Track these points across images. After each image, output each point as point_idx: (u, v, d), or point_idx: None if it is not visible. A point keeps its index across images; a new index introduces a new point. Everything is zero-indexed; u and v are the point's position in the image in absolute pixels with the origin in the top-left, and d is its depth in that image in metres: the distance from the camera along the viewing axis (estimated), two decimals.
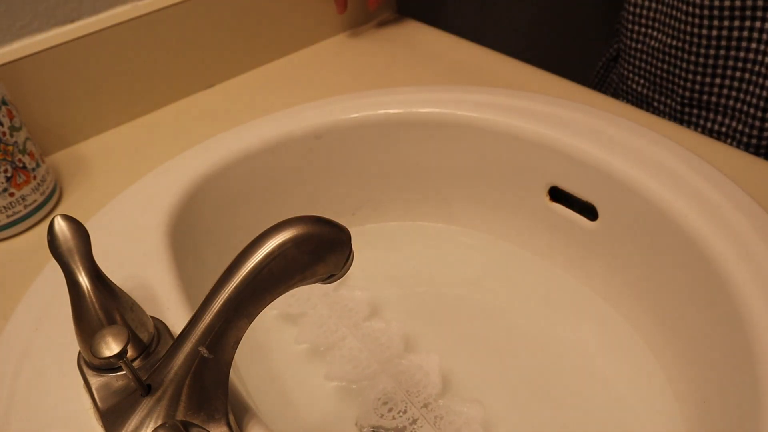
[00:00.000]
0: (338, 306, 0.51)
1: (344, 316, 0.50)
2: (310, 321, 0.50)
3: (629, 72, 0.69)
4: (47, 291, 0.42)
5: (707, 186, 0.43)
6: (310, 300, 0.52)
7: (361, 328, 0.49)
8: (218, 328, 0.29)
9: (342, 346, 0.48)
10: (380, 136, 0.55)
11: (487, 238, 0.57)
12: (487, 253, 0.56)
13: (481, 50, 0.65)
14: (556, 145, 0.49)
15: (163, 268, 0.42)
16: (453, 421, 0.44)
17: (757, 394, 0.33)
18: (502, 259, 0.55)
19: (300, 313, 0.51)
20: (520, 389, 0.47)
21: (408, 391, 0.45)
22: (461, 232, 0.59)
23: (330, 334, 0.49)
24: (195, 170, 0.50)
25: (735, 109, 0.61)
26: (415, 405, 0.44)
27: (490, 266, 0.55)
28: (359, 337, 0.49)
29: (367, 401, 0.44)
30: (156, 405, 0.30)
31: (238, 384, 0.35)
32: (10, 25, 0.53)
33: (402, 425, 0.43)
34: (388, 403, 0.44)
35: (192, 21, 0.60)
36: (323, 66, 0.66)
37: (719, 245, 0.39)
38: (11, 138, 0.48)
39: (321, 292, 0.52)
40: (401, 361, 0.47)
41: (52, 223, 0.33)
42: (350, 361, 0.47)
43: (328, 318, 0.50)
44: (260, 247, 0.29)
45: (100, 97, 0.58)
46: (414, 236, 0.58)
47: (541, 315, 0.51)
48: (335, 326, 0.49)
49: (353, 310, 0.51)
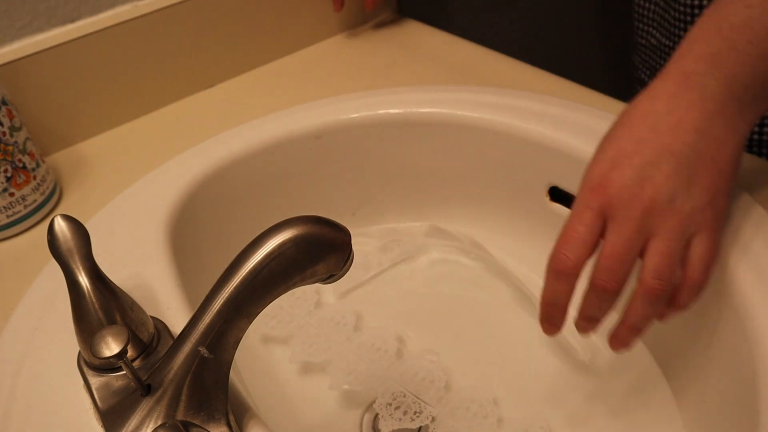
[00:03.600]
0: (324, 322, 0.51)
1: (333, 331, 0.50)
2: (300, 341, 0.49)
3: (639, 64, 0.69)
4: (47, 291, 0.42)
5: None
6: (294, 321, 0.51)
7: (354, 340, 0.49)
8: (218, 328, 0.29)
9: (339, 360, 0.48)
10: (380, 136, 0.55)
11: (488, 238, 0.57)
12: (487, 253, 0.56)
13: (481, 50, 0.65)
14: (556, 145, 0.49)
15: (163, 268, 0.42)
16: (469, 408, 0.44)
17: (757, 394, 0.33)
18: (502, 259, 0.55)
19: (288, 336, 0.51)
20: (520, 389, 0.47)
21: (417, 391, 0.45)
22: (461, 232, 0.59)
23: (323, 352, 0.48)
24: (195, 170, 0.50)
25: None
26: (429, 403, 0.44)
27: (490, 266, 0.55)
28: (353, 350, 0.48)
29: (382, 408, 0.44)
30: (156, 405, 0.30)
31: (238, 384, 0.35)
32: (10, 25, 0.53)
33: (423, 423, 0.44)
34: (401, 407, 0.44)
35: (192, 21, 0.60)
36: (323, 66, 0.66)
37: None
38: (11, 138, 0.48)
39: (304, 312, 0.51)
40: (402, 364, 0.47)
41: (52, 223, 0.33)
42: (350, 374, 0.47)
43: (317, 336, 0.50)
44: (260, 247, 0.29)
45: (100, 97, 0.58)
46: (414, 236, 0.58)
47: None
48: (326, 343, 0.49)
49: (340, 323, 0.50)
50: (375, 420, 0.45)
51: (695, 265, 0.34)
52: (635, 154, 0.35)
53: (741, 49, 0.34)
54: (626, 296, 0.35)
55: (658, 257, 0.33)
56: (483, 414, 0.44)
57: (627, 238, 0.34)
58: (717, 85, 0.35)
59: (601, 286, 0.34)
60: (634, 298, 0.34)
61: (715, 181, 0.34)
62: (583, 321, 0.37)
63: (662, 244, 0.33)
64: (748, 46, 0.34)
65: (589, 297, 0.35)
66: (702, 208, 0.34)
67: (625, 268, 0.34)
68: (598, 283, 0.34)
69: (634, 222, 0.33)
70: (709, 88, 0.35)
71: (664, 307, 0.34)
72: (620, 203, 0.34)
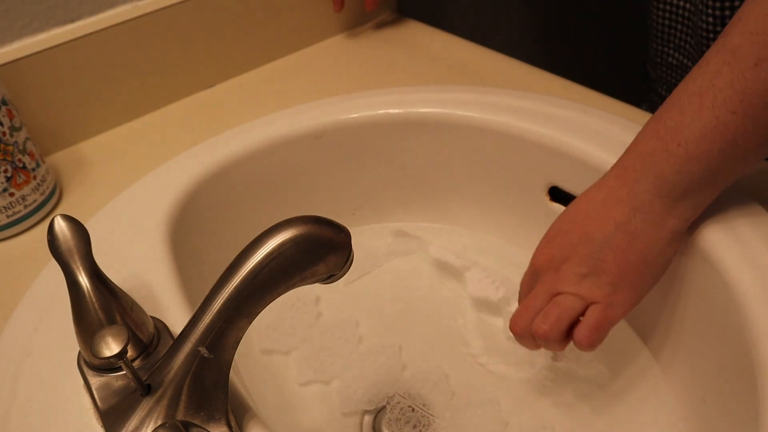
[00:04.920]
0: (326, 337, 0.50)
1: (335, 346, 0.50)
2: (304, 356, 0.49)
3: (657, 79, 0.70)
4: (47, 291, 0.42)
5: None
6: (295, 335, 0.51)
7: (358, 354, 0.49)
8: (218, 328, 0.29)
9: (342, 370, 0.48)
10: (380, 136, 0.55)
11: (487, 238, 0.57)
12: (486, 254, 0.56)
13: (481, 50, 0.65)
14: (556, 145, 0.49)
15: (163, 268, 0.42)
16: (473, 414, 0.45)
17: (757, 394, 0.33)
18: (501, 260, 0.55)
19: (290, 348, 0.50)
20: (520, 388, 0.47)
21: (424, 405, 0.45)
22: (461, 232, 0.59)
23: (327, 367, 0.48)
24: (195, 170, 0.50)
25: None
26: (437, 416, 0.45)
27: (490, 266, 0.55)
28: (359, 365, 0.48)
29: (391, 423, 0.45)
30: (156, 405, 0.30)
31: (238, 384, 0.35)
32: (10, 25, 0.53)
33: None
34: (410, 421, 0.45)
35: (192, 21, 0.60)
36: (323, 66, 0.66)
37: (719, 245, 0.39)
38: (11, 138, 0.48)
39: (305, 325, 0.51)
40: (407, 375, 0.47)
41: (52, 223, 0.33)
42: (356, 391, 0.47)
43: (320, 350, 0.49)
44: (260, 247, 0.29)
45: (101, 96, 0.58)
46: (414, 236, 0.58)
47: None
48: (330, 358, 0.49)
49: (341, 338, 0.50)
50: (375, 421, 0.45)
51: (581, 326, 0.39)
52: (565, 234, 0.41)
53: (672, 150, 0.37)
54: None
55: (552, 305, 0.40)
56: (488, 418, 0.44)
57: (536, 295, 0.41)
58: (647, 182, 0.38)
59: (511, 329, 0.42)
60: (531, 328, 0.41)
61: (621, 270, 0.39)
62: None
63: (561, 298, 0.40)
64: (678, 148, 0.37)
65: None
66: (601, 285, 0.39)
67: (530, 316, 0.41)
68: (510, 326, 0.42)
69: (546, 285, 0.41)
70: (639, 184, 0.39)
71: (554, 344, 0.40)
72: (542, 271, 0.42)
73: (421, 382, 0.47)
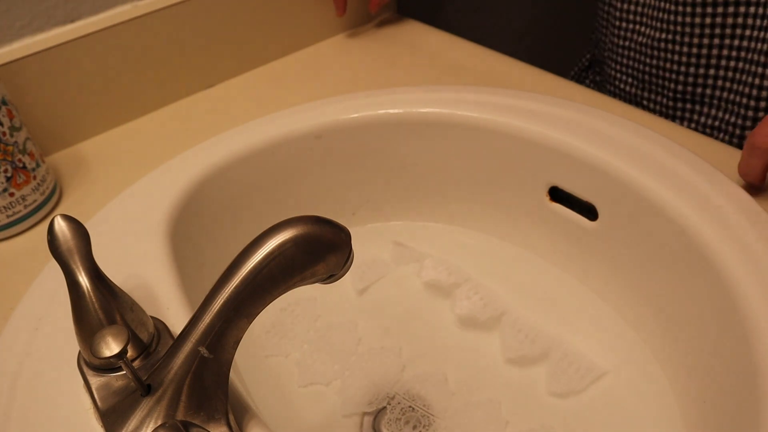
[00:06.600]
0: (325, 343, 0.50)
1: (335, 352, 0.50)
2: (304, 359, 0.49)
3: (616, 72, 0.69)
4: (47, 291, 0.42)
5: (707, 185, 0.43)
6: (295, 340, 0.51)
7: (358, 358, 0.49)
8: (218, 328, 0.29)
9: (346, 378, 0.48)
10: (380, 136, 0.55)
11: (487, 238, 0.57)
12: (486, 253, 0.56)
13: (481, 50, 0.65)
14: (556, 145, 0.49)
15: (163, 268, 0.42)
16: (473, 414, 0.45)
17: (757, 394, 0.33)
18: (501, 260, 0.55)
19: (289, 352, 0.50)
20: (520, 388, 0.47)
21: (425, 405, 0.45)
22: (461, 232, 0.59)
23: (328, 369, 0.48)
24: (195, 170, 0.50)
25: (728, 101, 0.61)
26: (438, 416, 0.45)
27: (490, 266, 0.55)
28: (360, 368, 0.48)
29: (391, 423, 0.45)
30: (156, 405, 0.30)
31: (238, 384, 0.35)
32: (10, 25, 0.53)
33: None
34: (410, 422, 0.44)
35: (192, 21, 0.60)
36: (323, 66, 0.66)
37: (719, 244, 0.39)
38: (11, 138, 0.48)
39: (303, 329, 0.51)
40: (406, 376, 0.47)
41: (52, 223, 0.33)
42: (357, 392, 0.47)
43: (320, 352, 0.49)
44: (260, 247, 0.29)
45: (101, 97, 0.58)
46: (414, 236, 0.58)
47: (541, 315, 0.50)
48: (330, 361, 0.49)
49: (341, 340, 0.50)
50: (375, 422, 0.45)
51: None
52: None
53: None
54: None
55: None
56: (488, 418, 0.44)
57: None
58: None
59: (754, 141, 0.41)
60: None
61: None
62: (741, 177, 0.43)
63: None
64: None
65: (743, 154, 0.42)
66: None
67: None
68: (753, 140, 0.41)
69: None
70: None
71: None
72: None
73: (421, 382, 0.47)
